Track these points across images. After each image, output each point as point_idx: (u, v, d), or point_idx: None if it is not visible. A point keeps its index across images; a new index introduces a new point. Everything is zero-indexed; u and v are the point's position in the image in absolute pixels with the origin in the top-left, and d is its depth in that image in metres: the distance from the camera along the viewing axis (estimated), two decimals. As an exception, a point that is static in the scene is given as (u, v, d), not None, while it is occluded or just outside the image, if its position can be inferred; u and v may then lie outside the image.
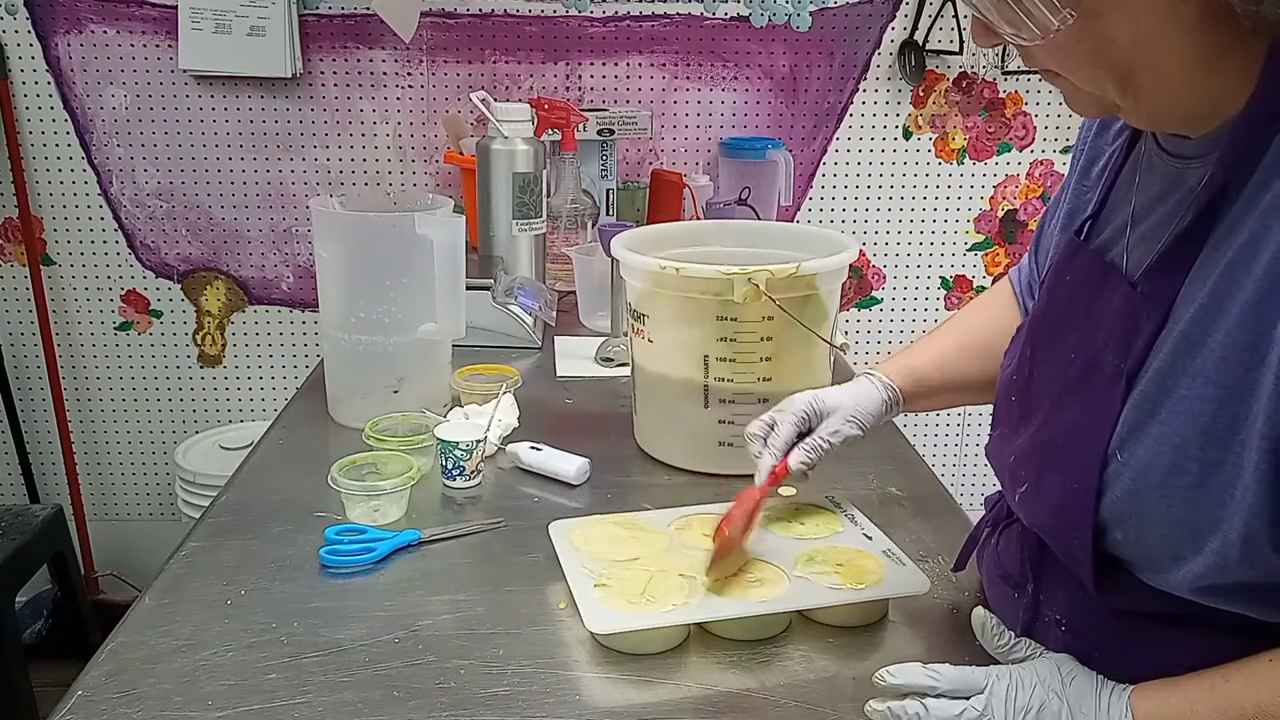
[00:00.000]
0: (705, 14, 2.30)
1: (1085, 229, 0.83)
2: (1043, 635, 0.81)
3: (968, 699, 0.73)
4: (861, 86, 2.36)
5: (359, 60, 2.30)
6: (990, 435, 0.90)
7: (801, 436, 1.02)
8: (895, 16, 2.31)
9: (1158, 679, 0.71)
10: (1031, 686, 0.73)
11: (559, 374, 1.59)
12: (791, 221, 2.38)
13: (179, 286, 2.43)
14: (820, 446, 1.00)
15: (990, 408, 0.99)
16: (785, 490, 1.17)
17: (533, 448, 1.24)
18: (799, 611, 0.93)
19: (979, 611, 0.82)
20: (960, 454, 2.60)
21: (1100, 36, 0.63)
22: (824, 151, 2.40)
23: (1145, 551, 0.70)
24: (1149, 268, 0.71)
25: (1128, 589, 0.72)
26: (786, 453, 1.01)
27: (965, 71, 2.35)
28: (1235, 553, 0.63)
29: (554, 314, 1.74)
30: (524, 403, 1.34)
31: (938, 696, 0.74)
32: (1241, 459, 0.62)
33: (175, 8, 2.19)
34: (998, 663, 0.79)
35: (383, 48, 2.28)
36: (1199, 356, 0.65)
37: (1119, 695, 0.71)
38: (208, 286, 2.43)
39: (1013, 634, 0.80)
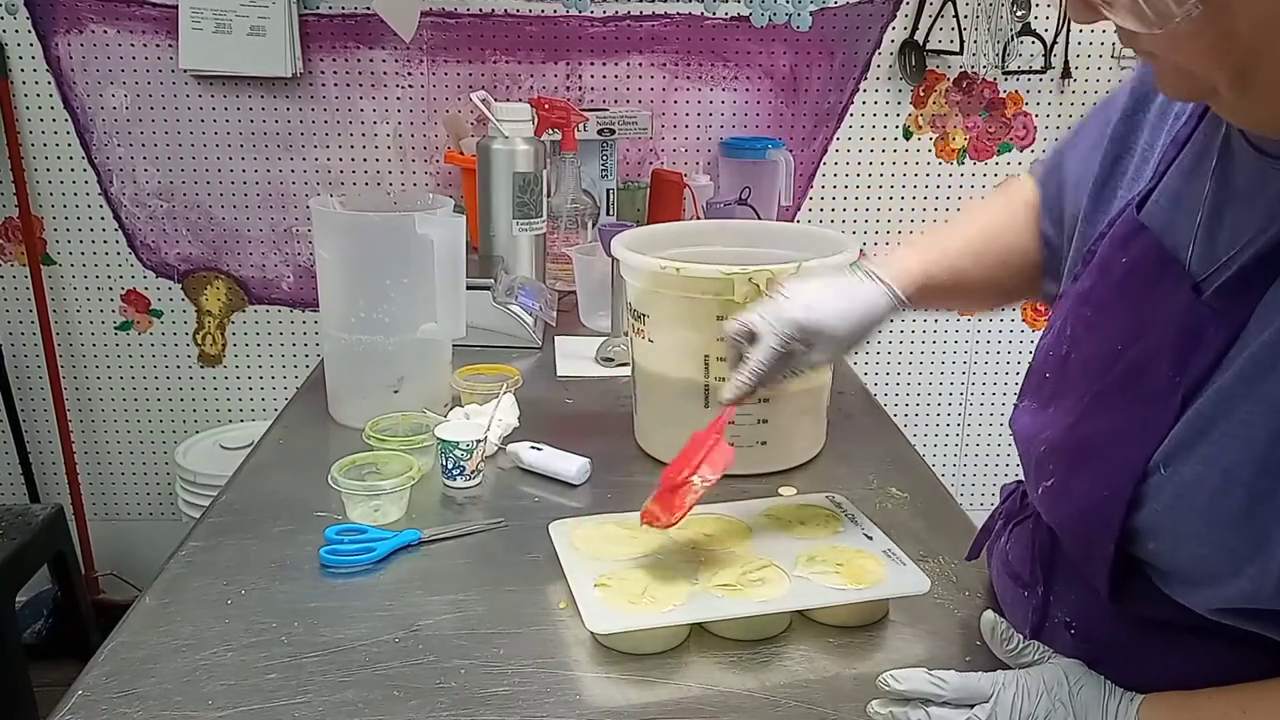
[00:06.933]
0: (705, 14, 2.30)
1: (1139, 205, 0.77)
2: (1051, 636, 0.80)
3: (972, 707, 0.72)
4: (862, 86, 2.36)
5: (359, 60, 2.30)
6: (1016, 404, 0.86)
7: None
8: (895, 16, 2.31)
9: (1167, 688, 0.69)
10: (1038, 695, 0.72)
11: (559, 374, 1.59)
12: (792, 221, 2.38)
13: (179, 286, 2.43)
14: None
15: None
16: (785, 490, 1.17)
17: (533, 447, 1.24)
18: (799, 611, 0.92)
19: (988, 615, 0.81)
20: (960, 454, 2.60)
21: (1223, 29, 0.58)
22: (824, 151, 2.40)
23: (1177, 565, 0.68)
24: (1224, 281, 0.66)
25: (1142, 597, 0.71)
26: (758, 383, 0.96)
27: (965, 71, 2.35)
28: (1272, 583, 0.61)
29: (554, 314, 1.74)
30: (524, 403, 1.34)
31: (942, 704, 0.73)
32: None
33: (175, 7, 2.19)
34: (1002, 664, 0.79)
35: (383, 48, 2.28)
36: (1268, 382, 0.61)
37: (1127, 706, 0.70)
38: (208, 286, 2.43)
39: (1021, 637, 0.79)
